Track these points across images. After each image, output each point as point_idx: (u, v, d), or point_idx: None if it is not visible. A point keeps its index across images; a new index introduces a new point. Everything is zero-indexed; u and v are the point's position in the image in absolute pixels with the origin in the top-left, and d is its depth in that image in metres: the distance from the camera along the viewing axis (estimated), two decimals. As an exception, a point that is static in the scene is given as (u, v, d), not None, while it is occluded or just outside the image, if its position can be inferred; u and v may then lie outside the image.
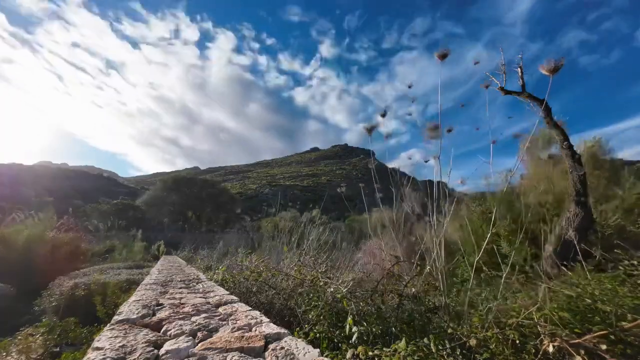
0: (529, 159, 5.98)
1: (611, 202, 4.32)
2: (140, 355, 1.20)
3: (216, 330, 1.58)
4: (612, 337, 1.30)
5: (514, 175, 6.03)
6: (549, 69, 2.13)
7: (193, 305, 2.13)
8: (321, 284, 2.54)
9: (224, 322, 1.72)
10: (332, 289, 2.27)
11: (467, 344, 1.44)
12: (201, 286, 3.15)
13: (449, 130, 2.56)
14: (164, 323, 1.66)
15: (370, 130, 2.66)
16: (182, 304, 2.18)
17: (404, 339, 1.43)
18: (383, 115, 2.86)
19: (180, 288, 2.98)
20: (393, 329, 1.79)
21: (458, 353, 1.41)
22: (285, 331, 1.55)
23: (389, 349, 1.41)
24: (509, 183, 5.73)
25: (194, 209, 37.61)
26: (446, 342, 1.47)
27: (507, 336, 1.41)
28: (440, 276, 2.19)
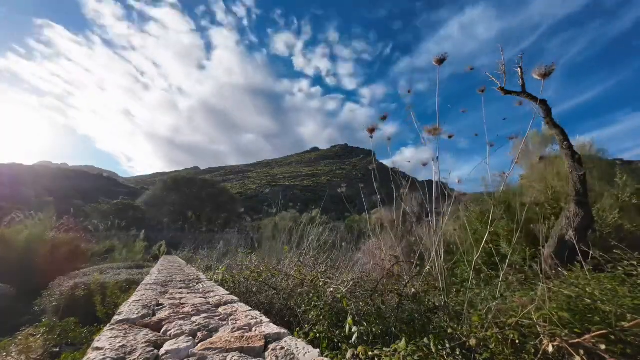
0: (525, 159, 6.01)
1: (605, 201, 4.34)
2: (140, 355, 1.20)
3: (216, 330, 1.58)
4: (612, 337, 1.30)
5: (511, 176, 6.07)
6: (540, 74, 2.16)
7: (193, 305, 2.13)
8: (321, 284, 2.54)
9: (224, 322, 1.72)
10: (332, 289, 2.28)
11: (467, 344, 1.45)
12: (201, 286, 3.15)
13: (450, 137, 2.56)
14: (164, 323, 1.66)
15: (372, 130, 2.66)
16: (182, 304, 2.18)
17: (404, 339, 1.43)
18: (383, 119, 2.86)
19: (180, 288, 2.98)
20: (393, 329, 1.79)
21: (458, 353, 1.41)
22: (285, 331, 1.55)
23: (389, 349, 1.41)
24: (507, 183, 5.75)
25: (194, 209, 37.61)
26: (446, 342, 1.47)
27: (506, 336, 1.41)
28: (439, 276, 2.20)
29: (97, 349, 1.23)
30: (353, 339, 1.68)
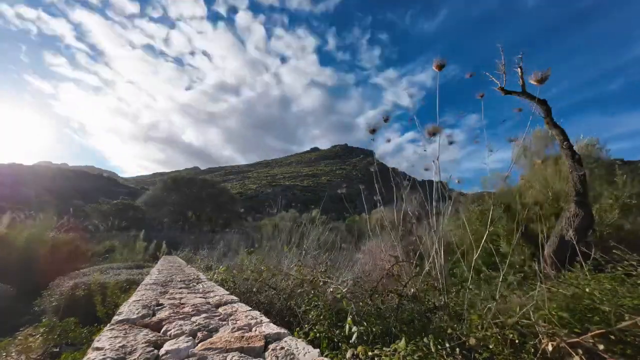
0: (525, 159, 6.01)
1: (605, 200, 4.35)
2: (140, 355, 1.20)
3: (216, 330, 1.58)
4: (612, 337, 1.30)
5: (510, 176, 6.06)
6: (537, 80, 2.17)
7: (193, 305, 2.13)
8: (321, 283, 2.54)
9: (224, 322, 1.72)
10: (332, 289, 2.28)
11: (467, 344, 1.45)
12: (201, 286, 3.15)
13: (450, 143, 2.57)
14: (164, 323, 1.66)
15: (373, 131, 2.67)
16: (182, 304, 2.18)
17: (403, 339, 1.43)
18: (386, 120, 2.87)
19: (180, 288, 2.98)
20: (393, 328, 1.80)
21: (457, 352, 1.41)
22: (285, 331, 1.55)
23: (388, 349, 1.41)
24: (507, 183, 5.75)
25: (194, 209, 37.62)
26: (446, 341, 1.47)
27: (506, 336, 1.41)
28: (439, 276, 2.20)
29: (97, 349, 1.23)
30: (353, 339, 1.68)
